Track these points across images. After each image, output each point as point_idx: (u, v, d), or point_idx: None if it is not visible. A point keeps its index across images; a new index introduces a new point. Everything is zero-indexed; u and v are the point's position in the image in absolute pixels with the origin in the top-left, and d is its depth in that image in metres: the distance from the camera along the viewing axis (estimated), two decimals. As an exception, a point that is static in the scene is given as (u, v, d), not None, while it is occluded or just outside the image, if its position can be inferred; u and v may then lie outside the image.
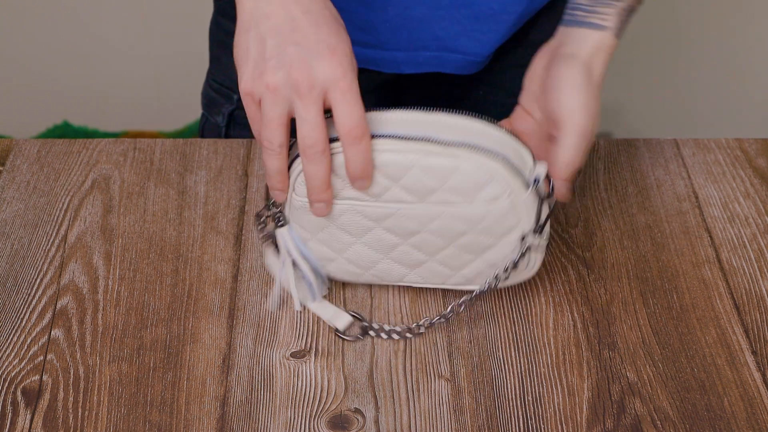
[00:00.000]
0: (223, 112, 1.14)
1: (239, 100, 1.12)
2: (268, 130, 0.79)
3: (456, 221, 0.82)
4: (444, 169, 0.80)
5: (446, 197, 0.81)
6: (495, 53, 1.04)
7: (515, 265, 0.84)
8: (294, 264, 0.87)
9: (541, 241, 0.84)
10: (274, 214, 0.86)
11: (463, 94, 1.12)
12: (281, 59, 0.78)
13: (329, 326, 0.87)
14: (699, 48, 2.07)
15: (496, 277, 0.85)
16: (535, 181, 0.82)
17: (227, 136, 1.14)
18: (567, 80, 0.85)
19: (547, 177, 0.83)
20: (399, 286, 0.90)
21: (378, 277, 0.87)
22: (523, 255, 0.84)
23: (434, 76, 1.05)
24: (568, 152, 0.83)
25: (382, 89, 1.11)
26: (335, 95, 0.77)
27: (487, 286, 0.85)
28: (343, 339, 0.86)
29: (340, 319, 0.87)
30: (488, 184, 0.80)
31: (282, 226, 0.86)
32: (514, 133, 0.84)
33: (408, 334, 0.86)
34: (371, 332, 0.86)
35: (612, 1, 0.88)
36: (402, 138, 0.80)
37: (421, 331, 0.86)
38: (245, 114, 1.16)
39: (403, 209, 0.82)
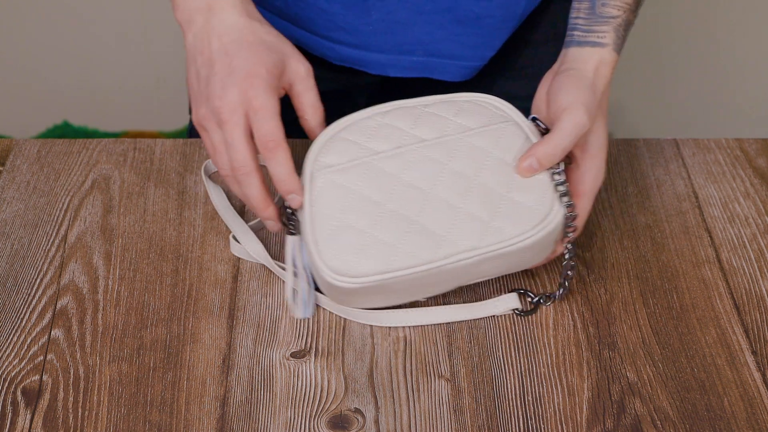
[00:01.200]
0: None
1: None
2: (216, 155, 0.85)
3: (473, 150, 0.85)
4: (449, 110, 0.88)
5: (457, 129, 0.86)
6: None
7: (563, 189, 0.84)
8: (295, 274, 0.87)
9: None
10: (287, 222, 0.87)
11: None
12: (208, 90, 0.85)
13: (331, 322, 0.87)
14: (699, 48, 2.07)
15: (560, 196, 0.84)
16: (534, 118, 0.87)
17: None
18: (567, 84, 0.87)
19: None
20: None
21: (412, 255, 0.81)
22: (562, 188, 0.84)
23: (423, 81, 1.05)
24: (556, 137, 0.84)
25: (369, 90, 1.11)
26: (251, 114, 0.84)
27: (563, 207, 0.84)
28: (526, 314, 0.87)
29: (510, 300, 0.88)
30: (493, 114, 0.87)
31: (293, 234, 0.86)
32: None
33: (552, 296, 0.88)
34: (542, 301, 0.88)
35: (608, 18, 0.90)
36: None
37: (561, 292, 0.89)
38: None
39: (422, 148, 0.85)
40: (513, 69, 1.09)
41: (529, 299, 0.89)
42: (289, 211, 0.86)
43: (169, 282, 0.90)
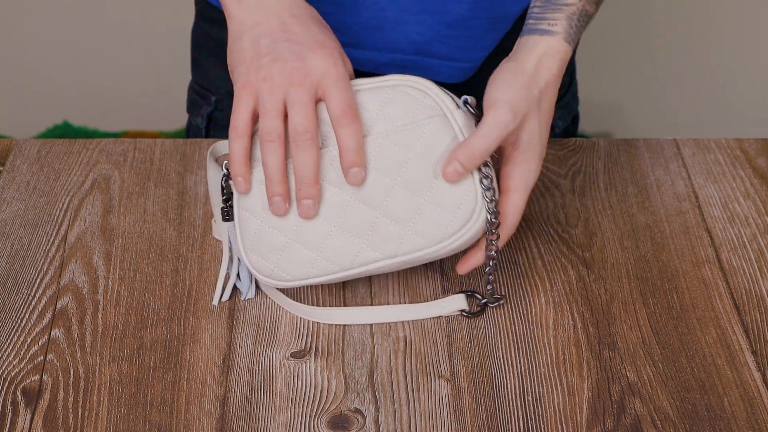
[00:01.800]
0: (203, 114, 1.15)
1: (218, 101, 1.13)
2: (268, 119, 0.81)
3: (396, 149, 0.83)
4: (376, 100, 0.83)
5: (384, 127, 0.83)
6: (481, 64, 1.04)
7: (491, 188, 0.82)
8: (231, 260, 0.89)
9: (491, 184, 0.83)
10: (226, 209, 0.87)
11: None
12: (275, 54, 0.81)
13: (325, 325, 0.87)
14: (699, 48, 2.07)
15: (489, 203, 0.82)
16: (465, 102, 0.84)
17: (207, 137, 1.14)
18: (499, 78, 0.84)
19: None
20: (397, 290, 0.90)
21: (331, 260, 0.83)
22: (488, 195, 0.82)
23: None
24: (477, 138, 0.81)
25: None
26: (327, 83, 0.81)
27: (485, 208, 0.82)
28: (473, 315, 0.87)
29: (457, 301, 0.88)
30: (421, 106, 0.83)
31: (228, 220, 0.87)
32: None
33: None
34: (490, 303, 0.88)
35: (561, 6, 0.87)
36: None
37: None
38: (224, 116, 1.17)
39: None
40: None
41: (477, 300, 0.89)
42: (225, 197, 0.86)
43: (169, 282, 0.90)
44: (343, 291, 0.90)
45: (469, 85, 1.06)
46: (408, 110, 0.84)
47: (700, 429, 0.79)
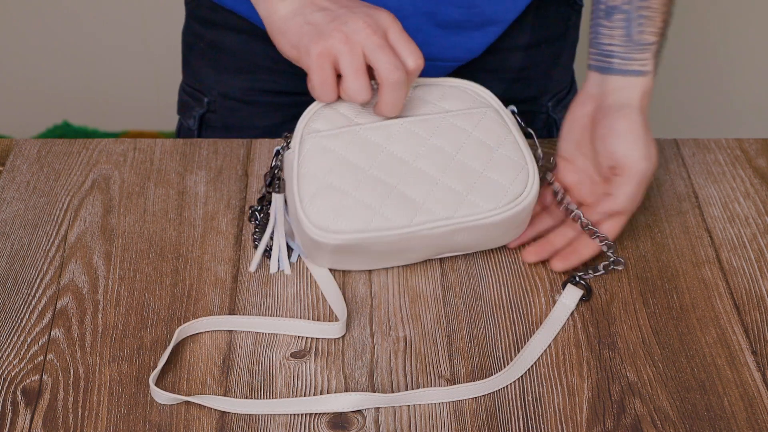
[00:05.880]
0: (194, 116, 1.14)
1: (210, 103, 1.13)
2: (356, 82, 0.84)
3: (455, 129, 0.89)
4: (434, 94, 0.91)
5: (440, 110, 0.90)
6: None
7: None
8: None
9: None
10: (273, 180, 0.90)
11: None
12: (345, 17, 0.84)
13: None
14: (699, 48, 2.07)
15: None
16: (513, 111, 0.92)
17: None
18: (626, 130, 0.88)
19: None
20: (397, 290, 0.90)
21: (389, 219, 0.85)
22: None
23: None
24: (622, 198, 0.88)
25: None
26: (396, 35, 0.85)
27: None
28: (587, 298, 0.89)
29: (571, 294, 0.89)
30: (475, 100, 0.91)
31: (278, 192, 0.90)
32: (564, 186, 0.94)
33: None
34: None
35: (646, 46, 0.90)
36: None
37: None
38: (216, 117, 1.17)
39: (407, 123, 0.89)
40: (507, 72, 1.10)
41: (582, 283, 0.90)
42: (276, 172, 0.89)
43: (169, 282, 0.90)
44: (343, 289, 0.90)
45: None
46: (464, 102, 0.91)
47: (700, 429, 0.79)
